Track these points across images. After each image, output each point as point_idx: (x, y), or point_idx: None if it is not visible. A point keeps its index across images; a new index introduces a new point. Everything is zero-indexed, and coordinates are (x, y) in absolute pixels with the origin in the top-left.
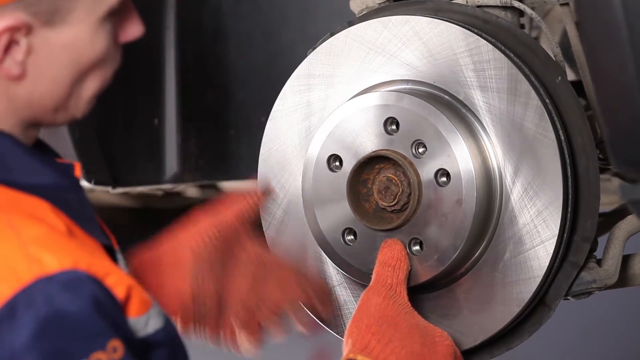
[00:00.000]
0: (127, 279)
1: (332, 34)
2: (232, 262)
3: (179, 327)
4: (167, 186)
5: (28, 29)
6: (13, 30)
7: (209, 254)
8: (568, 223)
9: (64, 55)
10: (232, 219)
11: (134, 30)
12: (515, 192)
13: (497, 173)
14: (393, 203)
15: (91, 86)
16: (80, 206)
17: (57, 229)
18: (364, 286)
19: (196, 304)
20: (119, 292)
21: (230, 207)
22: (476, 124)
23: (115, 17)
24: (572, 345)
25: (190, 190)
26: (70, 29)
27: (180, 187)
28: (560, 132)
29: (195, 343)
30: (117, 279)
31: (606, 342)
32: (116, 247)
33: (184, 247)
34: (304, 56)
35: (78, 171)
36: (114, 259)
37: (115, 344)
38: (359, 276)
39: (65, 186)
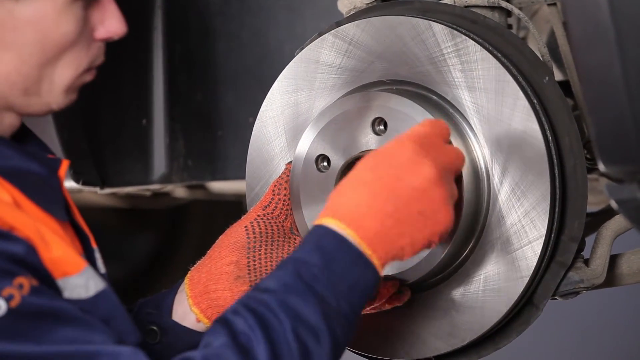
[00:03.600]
0: (46, 233)
1: (319, 34)
2: (283, 239)
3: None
4: (155, 187)
5: None
6: None
7: (260, 230)
8: (555, 223)
9: (29, 31)
10: (272, 197)
11: (113, 27)
12: (503, 192)
13: (484, 173)
14: None
15: (64, 73)
16: (46, 190)
17: None
18: None
19: (252, 274)
20: (30, 237)
21: (269, 189)
22: (464, 124)
23: (89, 8)
24: (569, 346)
25: (179, 191)
26: (35, 4)
27: (168, 188)
28: (548, 132)
29: None
30: (30, 230)
31: (603, 343)
32: (95, 245)
33: (238, 228)
34: (291, 56)
35: (63, 167)
36: (91, 256)
37: (21, 280)
38: None
39: (34, 172)
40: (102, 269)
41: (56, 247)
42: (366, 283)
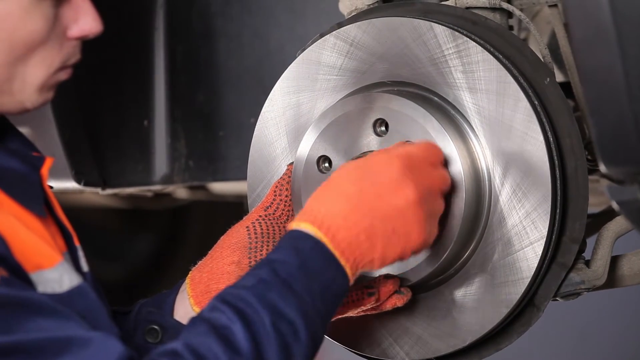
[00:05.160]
0: (17, 228)
1: (321, 36)
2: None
3: None
4: (156, 187)
5: None
6: None
7: (262, 230)
8: (557, 224)
9: None
10: (274, 197)
11: (87, 26)
12: (504, 193)
13: (486, 174)
14: None
15: (36, 72)
16: (25, 186)
17: None
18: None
19: None
20: (1, 230)
21: (271, 190)
22: (465, 125)
23: (61, 6)
24: (570, 347)
25: (180, 192)
26: (0, 3)
27: (169, 189)
28: (549, 134)
29: None
30: (1, 223)
31: (604, 345)
32: (77, 243)
33: (239, 228)
34: (293, 57)
35: (46, 165)
36: (74, 254)
37: None
38: None
39: (12, 168)
40: (85, 267)
41: (29, 240)
42: (338, 286)
